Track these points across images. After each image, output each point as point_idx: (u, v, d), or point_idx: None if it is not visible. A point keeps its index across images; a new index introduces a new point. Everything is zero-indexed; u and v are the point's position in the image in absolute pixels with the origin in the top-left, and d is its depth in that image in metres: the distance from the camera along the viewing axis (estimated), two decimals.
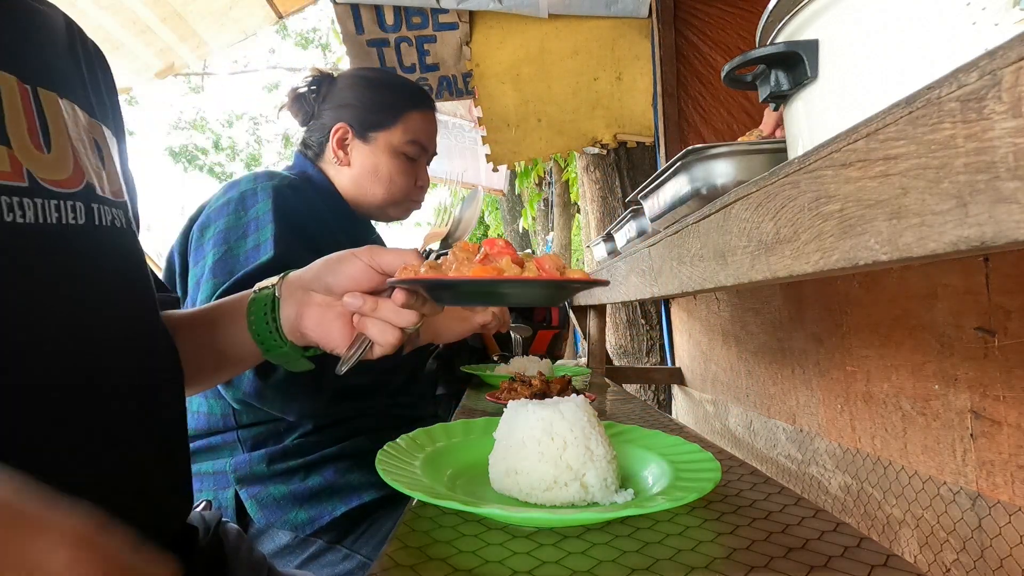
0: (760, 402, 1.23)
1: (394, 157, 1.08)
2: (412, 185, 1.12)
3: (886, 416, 0.82)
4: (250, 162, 12.15)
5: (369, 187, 1.09)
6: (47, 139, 0.42)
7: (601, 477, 0.45)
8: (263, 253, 0.86)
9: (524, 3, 1.87)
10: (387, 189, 1.09)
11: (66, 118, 0.44)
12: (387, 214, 1.15)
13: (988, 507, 0.65)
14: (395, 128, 1.08)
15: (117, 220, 0.48)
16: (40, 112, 0.42)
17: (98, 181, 0.46)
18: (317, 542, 0.87)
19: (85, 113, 0.47)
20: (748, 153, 0.62)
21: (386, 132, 1.07)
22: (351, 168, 1.08)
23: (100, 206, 0.46)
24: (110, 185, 0.48)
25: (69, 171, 0.43)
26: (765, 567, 0.36)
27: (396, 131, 1.08)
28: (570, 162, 4.08)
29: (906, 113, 0.24)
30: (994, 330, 0.62)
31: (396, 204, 1.13)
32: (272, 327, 0.58)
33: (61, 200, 0.42)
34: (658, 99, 1.93)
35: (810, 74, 0.41)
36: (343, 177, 1.09)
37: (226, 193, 0.94)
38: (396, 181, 1.09)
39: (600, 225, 2.28)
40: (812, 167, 0.33)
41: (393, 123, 1.08)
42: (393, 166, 1.08)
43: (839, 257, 0.31)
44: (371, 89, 1.09)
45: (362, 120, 1.08)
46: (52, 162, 0.42)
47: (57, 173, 0.42)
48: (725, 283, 0.48)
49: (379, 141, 1.07)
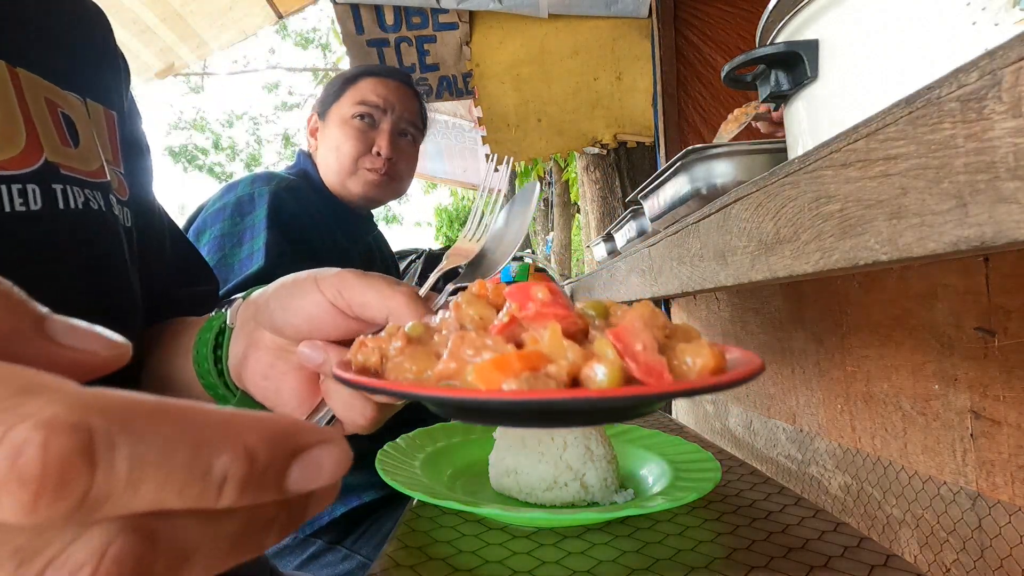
0: (760, 402, 1.23)
1: (343, 124, 1.04)
2: (364, 150, 1.04)
3: (886, 416, 0.82)
4: (250, 162, 12.15)
5: (330, 162, 1.05)
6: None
7: (601, 477, 0.45)
8: (255, 263, 0.86)
9: (524, 3, 1.87)
10: (336, 159, 1.04)
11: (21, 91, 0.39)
12: (349, 191, 1.06)
13: (988, 507, 0.65)
14: (344, 97, 1.06)
15: (93, 202, 0.41)
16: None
17: (63, 159, 0.40)
18: (317, 542, 0.87)
19: (55, 84, 0.42)
20: (748, 153, 0.62)
21: (337, 104, 1.06)
22: (319, 151, 1.07)
23: (67, 187, 0.39)
24: (83, 165, 0.42)
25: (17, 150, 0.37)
26: (765, 567, 0.36)
27: (344, 100, 1.05)
28: (570, 162, 4.08)
29: (906, 113, 0.24)
30: (994, 330, 0.62)
31: (351, 175, 1.04)
32: (214, 371, 0.42)
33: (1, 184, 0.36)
34: (658, 99, 1.93)
35: (810, 74, 0.41)
36: (320, 163, 1.08)
37: (223, 197, 0.94)
38: (342, 147, 1.03)
39: (600, 225, 2.28)
40: (812, 167, 0.33)
41: (343, 92, 1.06)
42: (341, 133, 1.04)
43: (839, 257, 0.31)
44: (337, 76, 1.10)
45: (323, 102, 1.08)
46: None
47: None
48: (725, 283, 0.48)
49: (332, 115, 1.06)
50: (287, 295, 0.38)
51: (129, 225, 0.47)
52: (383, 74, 1.07)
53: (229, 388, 0.42)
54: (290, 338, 0.38)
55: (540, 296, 0.24)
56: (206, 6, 1.89)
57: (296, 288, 0.37)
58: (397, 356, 0.26)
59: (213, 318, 0.43)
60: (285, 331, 0.38)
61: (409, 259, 1.92)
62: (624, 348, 0.22)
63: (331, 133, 1.05)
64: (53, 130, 0.40)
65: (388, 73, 1.08)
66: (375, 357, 0.27)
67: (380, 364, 0.27)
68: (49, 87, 0.41)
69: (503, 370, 0.22)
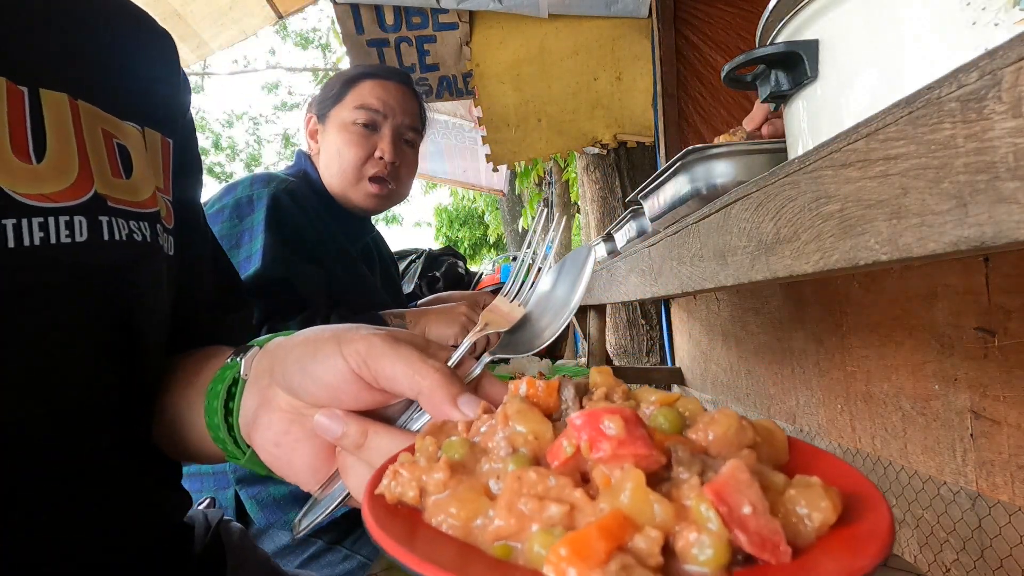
0: (760, 402, 1.23)
1: (344, 130, 1.02)
2: (366, 157, 1.03)
3: (886, 416, 0.82)
4: (250, 162, 12.15)
5: (331, 167, 1.03)
6: (40, 147, 0.37)
7: None
8: (252, 265, 0.86)
9: (524, 3, 1.87)
10: (339, 165, 1.02)
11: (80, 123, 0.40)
12: (350, 200, 1.05)
13: (988, 507, 0.65)
14: (344, 100, 1.03)
15: (137, 233, 0.42)
16: (35, 116, 0.37)
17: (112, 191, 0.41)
18: (317, 542, 0.87)
19: (112, 116, 0.43)
20: (748, 153, 0.62)
21: (337, 106, 1.04)
22: (320, 155, 1.06)
23: (113, 219, 0.40)
24: (132, 196, 0.42)
25: (69, 182, 0.38)
26: None
27: (345, 103, 1.03)
28: (570, 162, 4.08)
29: (906, 113, 0.24)
30: (994, 330, 0.62)
31: (353, 184, 1.03)
32: (223, 427, 0.40)
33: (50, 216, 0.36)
34: (658, 99, 1.93)
35: (810, 74, 0.41)
36: (321, 167, 1.06)
37: (221, 199, 0.94)
38: (344, 153, 1.02)
39: (600, 225, 2.28)
40: (812, 167, 0.33)
41: (343, 95, 1.04)
42: (342, 138, 1.02)
43: (839, 257, 0.31)
44: (337, 75, 1.08)
45: (321, 102, 1.06)
46: (44, 173, 0.37)
47: (49, 186, 0.36)
48: (725, 283, 0.48)
49: (332, 118, 1.04)
50: (307, 356, 0.34)
51: (172, 254, 0.48)
52: (383, 75, 1.05)
53: (239, 446, 0.39)
54: (307, 403, 0.35)
55: (614, 431, 0.20)
56: (206, 6, 1.89)
57: (317, 350, 0.34)
58: (439, 492, 0.22)
59: (227, 367, 0.41)
60: (302, 395, 0.34)
61: (409, 259, 1.92)
62: (729, 513, 0.18)
63: (332, 138, 1.03)
64: (106, 162, 0.41)
65: (388, 74, 1.06)
66: (412, 492, 0.23)
67: (419, 499, 0.23)
68: (107, 118, 0.43)
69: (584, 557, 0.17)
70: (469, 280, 1.96)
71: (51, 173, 0.37)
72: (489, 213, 7.12)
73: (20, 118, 0.36)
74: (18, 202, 0.35)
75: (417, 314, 0.98)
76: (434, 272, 1.87)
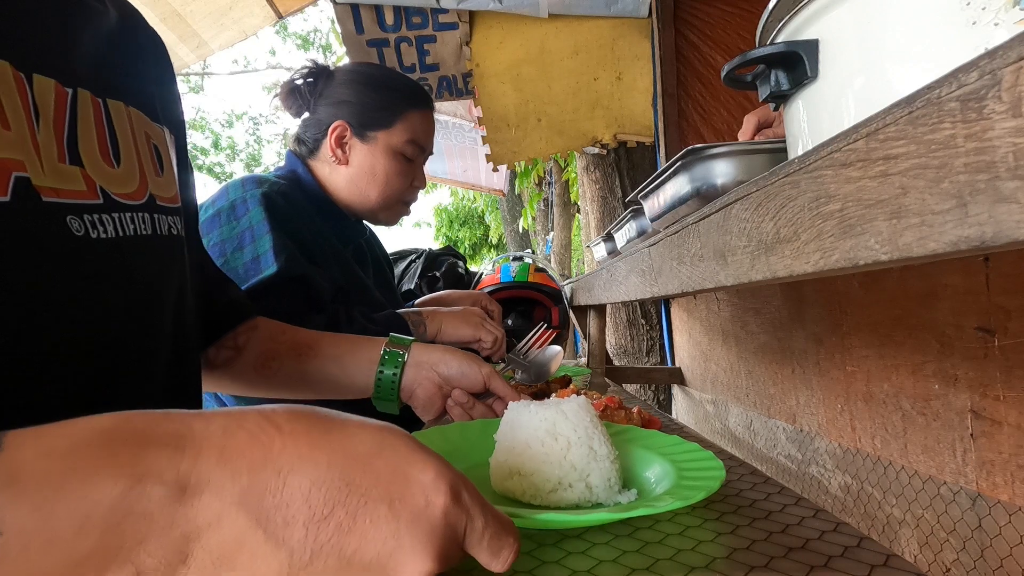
0: (760, 402, 1.23)
1: (392, 158, 1.06)
2: (407, 186, 1.11)
3: (886, 416, 0.82)
4: (250, 162, 12.15)
5: (365, 188, 1.07)
6: (116, 153, 0.44)
7: (605, 477, 0.45)
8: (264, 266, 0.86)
9: (524, 3, 1.87)
10: (382, 191, 1.07)
11: (133, 128, 0.46)
12: (376, 218, 1.13)
13: (988, 507, 0.65)
14: (394, 128, 1.06)
15: (173, 228, 0.50)
16: (110, 125, 0.44)
17: (157, 190, 0.48)
18: None
19: (147, 118, 0.49)
20: (748, 153, 0.62)
21: (385, 132, 1.05)
22: (348, 168, 1.06)
23: (159, 215, 0.48)
24: (166, 192, 0.50)
25: (136, 184, 0.46)
26: (765, 567, 0.36)
27: (395, 131, 1.06)
28: (570, 162, 4.08)
29: (906, 113, 0.24)
30: (994, 330, 0.62)
31: (389, 207, 1.11)
32: (395, 389, 0.70)
33: (133, 212, 0.45)
34: (658, 99, 1.93)
35: (810, 74, 0.41)
36: (338, 177, 1.07)
37: (215, 203, 0.94)
38: (392, 183, 1.07)
39: (600, 225, 2.27)
40: (812, 167, 0.33)
41: (393, 122, 1.06)
42: (391, 167, 1.06)
43: (839, 257, 0.31)
44: (371, 87, 1.07)
45: (361, 118, 1.05)
46: (121, 176, 0.44)
47: (126, 187, 0.44)
48: (725, 283, 0.48)
49: (378, 141, 1.05)
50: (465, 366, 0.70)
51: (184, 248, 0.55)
52: (427, 106, 1.11)
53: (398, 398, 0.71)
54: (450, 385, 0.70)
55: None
56: (206, 6, 1.89)
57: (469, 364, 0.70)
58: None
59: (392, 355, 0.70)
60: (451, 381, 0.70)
61: (409, 259, 1.92)
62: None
63: (376, 161, 1.06)
64: (150, 162, 0.48)
65: (429, 104, 1.12)
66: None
67: None
68: (147, 122, 0.49)
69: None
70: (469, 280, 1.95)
71: (126, 177, 0.45)
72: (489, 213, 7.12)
73: (102, 130, 0.43)
74: (114, 200, 0.43)
75: (433, 314, 1.01)
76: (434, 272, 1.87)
